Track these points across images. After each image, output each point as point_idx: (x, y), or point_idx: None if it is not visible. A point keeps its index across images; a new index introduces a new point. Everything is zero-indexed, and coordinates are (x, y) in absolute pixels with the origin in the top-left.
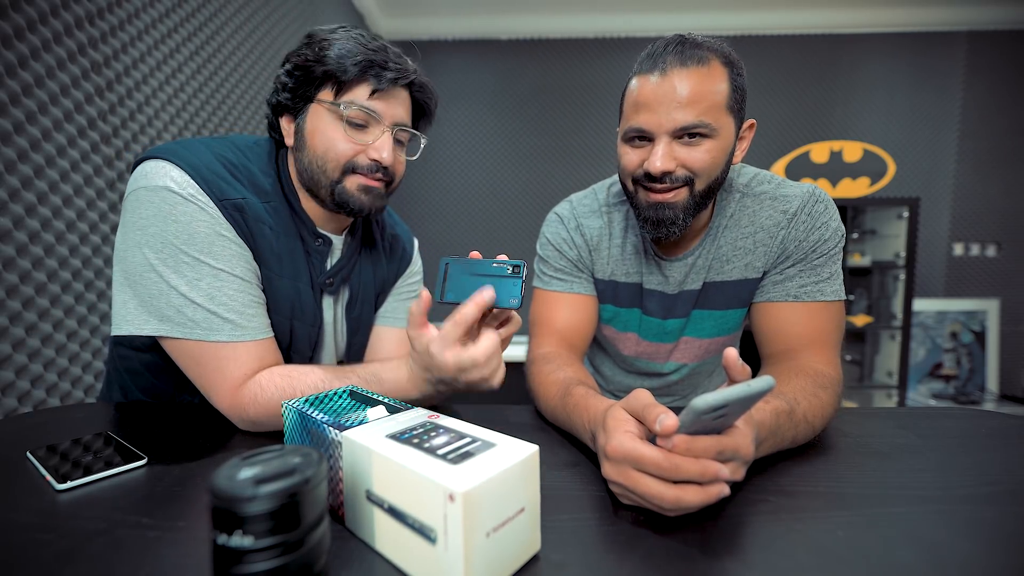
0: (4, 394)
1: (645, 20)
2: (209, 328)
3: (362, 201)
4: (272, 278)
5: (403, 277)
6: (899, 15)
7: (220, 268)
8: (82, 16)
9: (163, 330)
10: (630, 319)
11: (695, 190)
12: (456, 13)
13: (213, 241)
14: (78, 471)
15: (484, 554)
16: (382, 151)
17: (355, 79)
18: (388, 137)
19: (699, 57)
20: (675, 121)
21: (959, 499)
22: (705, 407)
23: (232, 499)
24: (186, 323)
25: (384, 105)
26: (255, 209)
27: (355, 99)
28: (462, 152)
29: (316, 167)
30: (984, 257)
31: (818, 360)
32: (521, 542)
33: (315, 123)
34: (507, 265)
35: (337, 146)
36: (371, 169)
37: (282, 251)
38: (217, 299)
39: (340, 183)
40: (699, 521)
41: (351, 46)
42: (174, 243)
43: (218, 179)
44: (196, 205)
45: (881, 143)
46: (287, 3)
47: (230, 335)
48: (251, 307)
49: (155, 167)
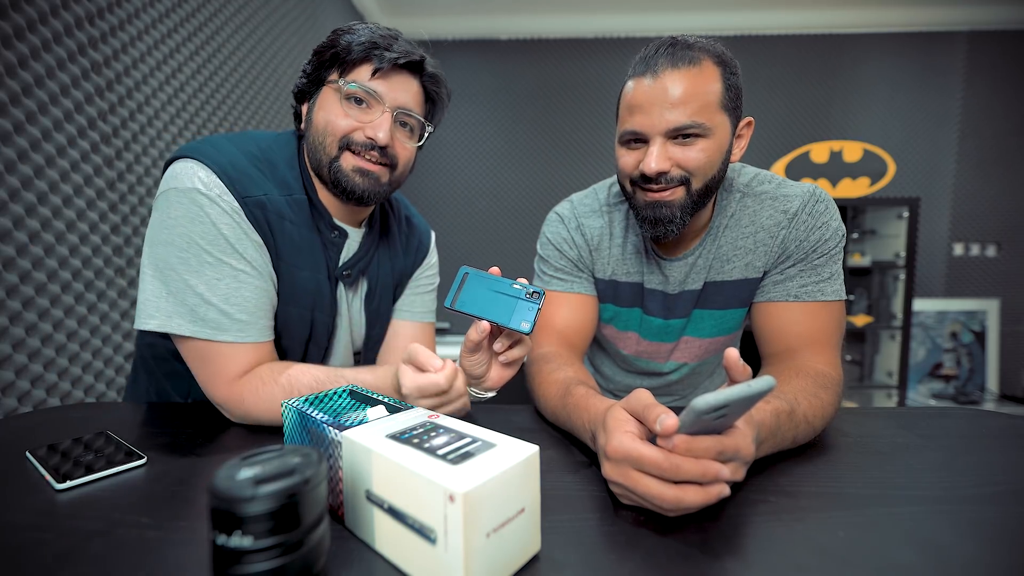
0: (4, 394)
1: (645, 20)
2: (218, 328)
3: (356, 183)
4: (293, 271)
5: (420, 269)
6: (899, 15)
7: (241, 269)
8: (82, 16)
9: (172, 327)
10: (631, 319)
11: (692, 189)
12: (456, 13)
13: (236, 242)
14: (78, 471)
15: (484, 554)
16: (379, 130)
17: (359, 59)
18: (387, 117)
19: (690, 58)
20: (668, 122)
21: (959, 499)
22: (706, 407)
23: (232, 499)
24: (197, 321)
25: (386, 87)
26: (276, 204)
27: (357, 78)
28: (462, 152)
29: (317, 144)
30: (984, 257)
31: (818, 360)
32: (521, 542)
33: (321, 102)
34: (526, 289)
35: (335, 120)
36: (366, 147)
37: (302, 244)
38: (232, 300)
39: (337, 160)
40: (699, 521)
41: (363, 32)
42: (199, 243)
43: (243, 176)
44: (221, 207)
45: (881, 143)
46: (287, 3)
47: (236, 336)
48: (262, 309)
49: (184, 168)
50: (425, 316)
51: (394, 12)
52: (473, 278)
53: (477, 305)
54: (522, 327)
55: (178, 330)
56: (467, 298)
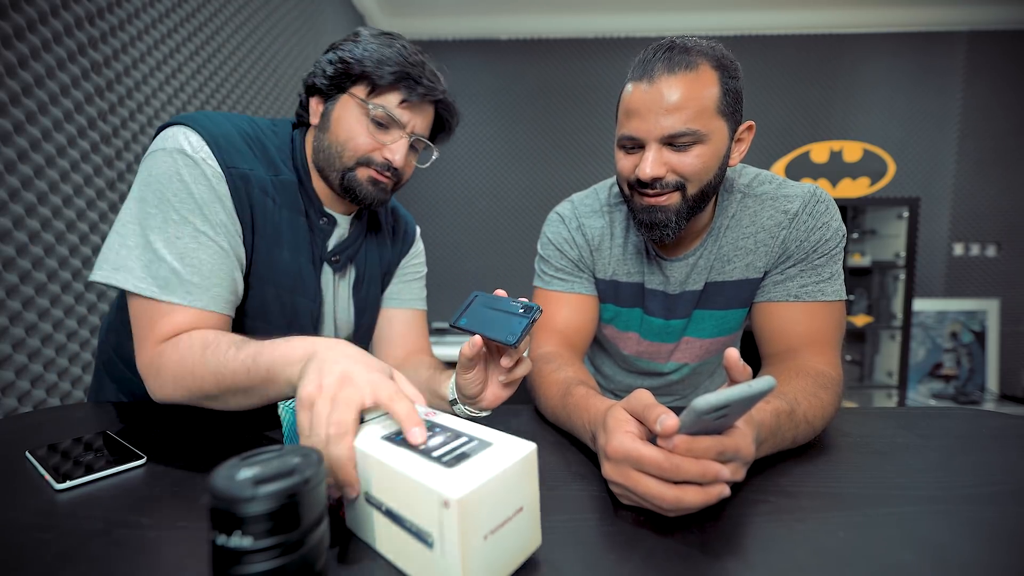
0: (4, 394)
1: (645, 20)
2: (165, 286)
3: (368, 192)
4: (272, 249)
5: (407, 258)
6: (899, 15)
7: (203, 231)
8: (82, 16)
9: (118, 279)
10: (631, 319)
11: (687, 194)
12: (456, 13)
13: (206, 204)
14: (77, 471)
15: (482, 557)
16: (396, 154)
17: (389, 85)
18: (405, 143)
19: (687, 62)
20: (663, 128)
21: (959, 499)
22: (706, 407)
23: (231, 499)
24: (146, 279)
25: (409, 115)
26: (261, 181)
27: (385, 103)
28: (462, 152)
29: (334, 151)
30: (984, 257)
31: (819, 360)
32: (521, 541)
33: (343, 112)
34: (520, 305)
35: (358, 139)
36: (383, 167)
37: (283, 224)
38: (187, 259)
39: (352, 171)
40: (699, 521)
41: (392, 54)
42: (171, 200)
43: (232, 148)
44: (202, 169)
45: (881, 143)
46: (287, 3)
47: (182, 297)
48: (218, 275)
49: (175, 132)
50: (416, 303)
51: (394, 12)
52: (480, 299)
53: (476, 322)
54: (507, 339)
55: (122, 283)
56: (469, 317)
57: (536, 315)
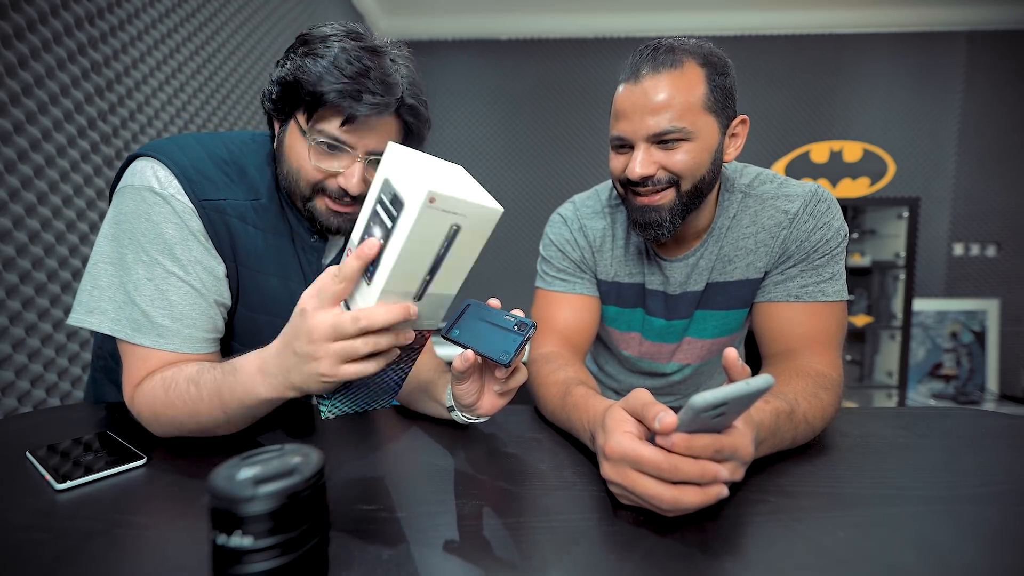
0: (4, 394)
1: (645, 20)
2: (137, 329)
3: (332, 222)
4: (257, 277)
5: None
6: (899, 15)
7: (173, 272)
8: (82, 16)
9: (92, 322)
10: (633, 319)
11: (682, 191)
12: (456, 13)
13: (177, 244)
14: (77, 471)
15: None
16: (350, 179)
17: (329, 107)
18: (358, 167)
19: (671, 61)
20: (649, 127)
21: (959, 499)
22: (704, 405)
23: (231, 499)
24: (120, 320)
25: (356, 136)
26: (238, 209)
27: (326, 128)
28: (462, 152)
29: (291, 180)
30: (984, 257)
31: (819, 361)
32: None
33: (291, 140)
34: (515, 321)
35: (304, 169)
36: (338, 195)
37: (267, 250)
38: (157, 302)
39: (311, 200)
40: (699, 521)
41: (323, 68)
42: (140, 240)
43: (203, 179)
44: (172, 207)
45: (881, 143)
46: (287, 3)
47: (154, 341)
48: (191, 317)
49: (143, 166)
50: None
51: (394, 12)
52: (473, 309)
53: (467, 335)
54: (500, 357)
55: (97, 326)
56: (461, 328)
57: (530, 332)
